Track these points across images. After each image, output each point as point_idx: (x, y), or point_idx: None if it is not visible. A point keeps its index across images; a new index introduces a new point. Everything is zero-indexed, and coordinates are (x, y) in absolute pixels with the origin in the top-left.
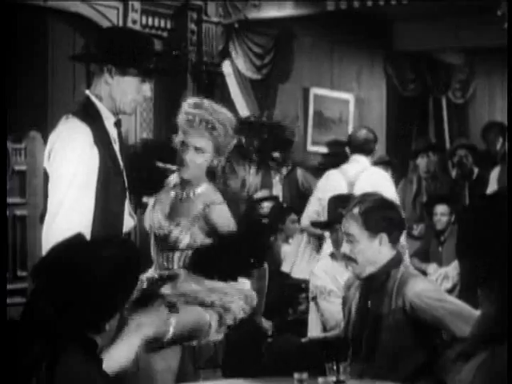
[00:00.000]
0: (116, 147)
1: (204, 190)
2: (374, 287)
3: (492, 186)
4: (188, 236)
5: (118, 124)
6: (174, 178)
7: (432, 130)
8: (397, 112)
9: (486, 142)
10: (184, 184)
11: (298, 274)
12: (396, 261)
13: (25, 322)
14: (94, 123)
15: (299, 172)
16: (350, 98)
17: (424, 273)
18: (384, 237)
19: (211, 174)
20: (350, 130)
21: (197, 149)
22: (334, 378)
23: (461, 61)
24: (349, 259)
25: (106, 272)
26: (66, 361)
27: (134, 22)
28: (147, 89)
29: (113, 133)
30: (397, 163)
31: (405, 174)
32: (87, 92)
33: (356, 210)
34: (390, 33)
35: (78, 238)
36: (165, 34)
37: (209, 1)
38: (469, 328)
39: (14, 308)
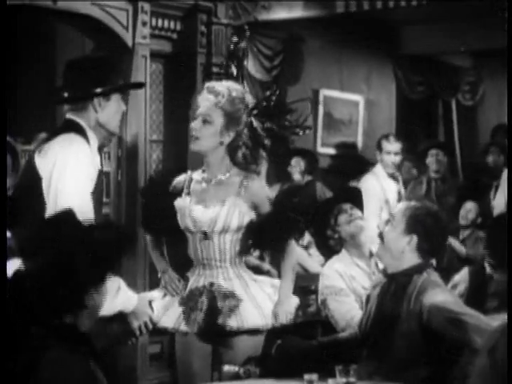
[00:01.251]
0: (97, 169)
1: (233, 172)
2: (394, 289)
3: (503, 188)
4: (236, 216)
5: (100, 149)
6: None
7: (441, 132)
8: (406, 114)
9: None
10: (210, 173)
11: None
12: (420, 268)
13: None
14: (86, 142)
15: (318, 185)
16: (359, 100)
17: None
18: (414, 239)
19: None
20: (360, 131)
21: (204, 120)
22: (343, 380)
23: (469, 63)
24: (379, 236)
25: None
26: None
27: (144, 23)
28: (122, 104)
29: (95, 157)
30: (405, 164)
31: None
32: (70, 116)
33: (412, 204)
34: (399, 36)
35: (67, 212)
36: (174, 36)
37: (219, 3)
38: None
39: None
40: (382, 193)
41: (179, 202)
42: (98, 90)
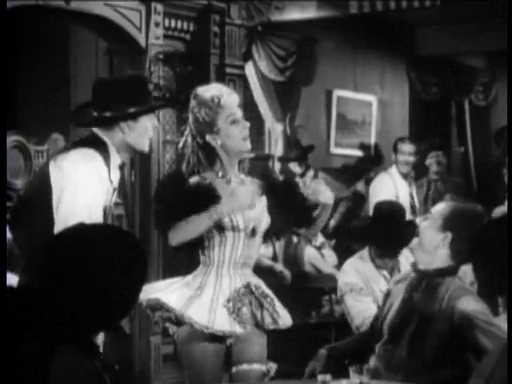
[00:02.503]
0: (111, 188)
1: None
2: (426, 286)
3: None
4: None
5: (121, 167)
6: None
7: (454, 132)
8: (419, 115)
9: (499, 147)
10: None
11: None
12: (452, 270)
13: (17, 321)
14: (106, 161)
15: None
16: (373, 101)
17: None
18: (449, 237)
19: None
20: (373, 132)
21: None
22: (357, 380)
23: (483, 64)
24: (415, 227)
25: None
26: (61, 360)
27: (157, 24)
28: (154, 120)
29: (114, 175)
30: (418, 165)
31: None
32: (97, 131)
33: (454, 203)
34: (413, 37)
35: (79, 227)
36: (188, 37)
37: (232, 3)
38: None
39: None
40: (394, 191)
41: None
42: (128, 112)
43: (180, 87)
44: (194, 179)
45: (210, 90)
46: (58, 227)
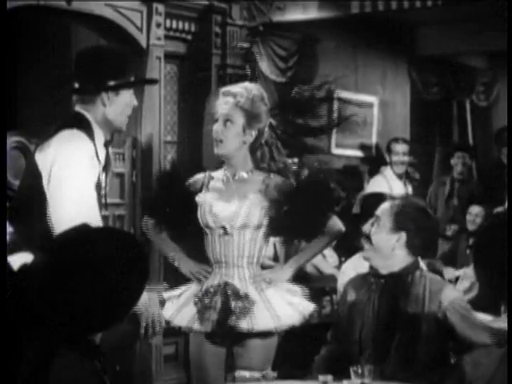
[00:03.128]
0: (100, 167)
1: (256, 170)
2: (400, 289)
3: None
4: (257, 213)
5: (106, 145)
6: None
7: (456, 133)
8: (421, 115)
9: (498, 147)
10: (232, 171)
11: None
12: (416, 265)
13: (17, 321)
14: (90, 138)
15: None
16: (374, 101)
17: (441, 275)
18: (403, 237)
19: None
20: (375, 132)
21: (226, 121)
22: (358, 381)
23: (484, 64)
24: (366, 238)
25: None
26: (61, 360)
27: (158, 25)
28: (134, 98)
29: (100, 153)
30: (418, 164)
31: (428, 175)
32: (79, 109)
33: (396, 202)
34: (414, 37)
35: (81, 228)
36: (189, 37)
37: (233, 4)
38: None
39: None
40: (388, 192)
41: (199, 198)
42: (109, 84)
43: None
44: (198, 175)
45: None
46: (50, 207)
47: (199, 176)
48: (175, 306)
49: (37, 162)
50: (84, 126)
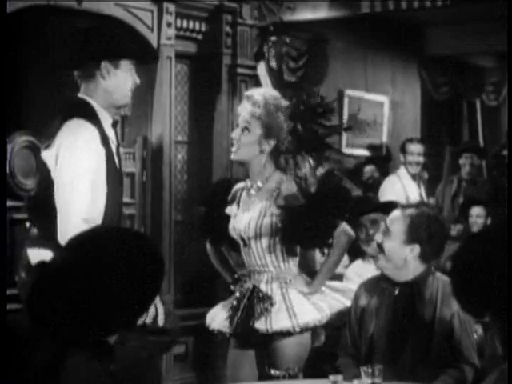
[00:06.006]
0: (113, 148)
1: (271, 178)
2: (414, 296)
3: None
4: (267, 220)
5: (114, 125)
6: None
7: (466, 133)
8: (431, 115)
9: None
10: (252, 181)
11: None
12: (429, 271)
13: (30, 324)
14: (96, 124)
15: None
16: (384, 101)
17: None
18: (416, 248)
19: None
20: (385, 132)
21: (244, 128)
22: (368, 381)
23: (493, 64)
24: (379, 247)
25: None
26: (72, 361)
27: (169, 24)
28: (135, 75)
29: (110, 134)
30: (429, 163)
31: (438, 175)
32: (81, 95)
33: (409, 212)
34: (424, 37)
35: (96, 229)
36: (199, 37)
37: (244, 3)
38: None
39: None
40: (402, 192)
41: (228, 211)
42: (107, 52)
43: None
44: (238, 185)
45: None
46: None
47: (239, 186)
48: (215, 311)
49: (44, 159)
50: (88, 112)
